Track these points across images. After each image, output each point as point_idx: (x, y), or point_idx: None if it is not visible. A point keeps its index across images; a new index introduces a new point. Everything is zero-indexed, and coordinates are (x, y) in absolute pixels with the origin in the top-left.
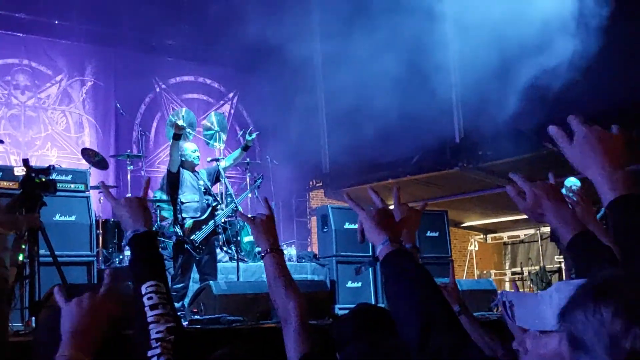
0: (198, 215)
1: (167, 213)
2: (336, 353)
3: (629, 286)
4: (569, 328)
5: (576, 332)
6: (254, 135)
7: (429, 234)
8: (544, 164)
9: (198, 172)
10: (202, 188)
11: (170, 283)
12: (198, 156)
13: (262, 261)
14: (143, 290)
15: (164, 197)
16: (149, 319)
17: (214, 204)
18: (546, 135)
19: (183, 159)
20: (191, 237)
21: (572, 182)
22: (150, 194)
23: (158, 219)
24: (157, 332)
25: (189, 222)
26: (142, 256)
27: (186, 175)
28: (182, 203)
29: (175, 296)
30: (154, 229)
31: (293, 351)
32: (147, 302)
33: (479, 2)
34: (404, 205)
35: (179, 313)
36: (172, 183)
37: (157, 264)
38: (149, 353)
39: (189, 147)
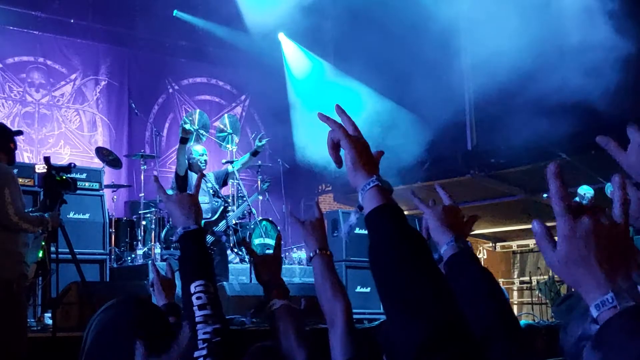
0: (209, 217)
1: None
2: (383, 357)
3: None
4: None
5: None
6: (264, 142)
7: None
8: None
9: (206, 175)
10: (211, 191)
11: None
12: (206, 160)
13: None
14: (192, 289)
15: None
16: (197, 319)
17: (224, 205)
18: (560, 144)
19: (191, 161)
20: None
21: (585, 189)
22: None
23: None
24: (204, 333)
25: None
26: (192, 254)
27: (194, 178)
28: None
29: None
30: (166, 230)
31: (339, 355)
32: (195, 302)
33: (493, 10)
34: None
35: None
36: (181, 186)
37: (207, 262)
38: (196, 354)
39: (197, 150)
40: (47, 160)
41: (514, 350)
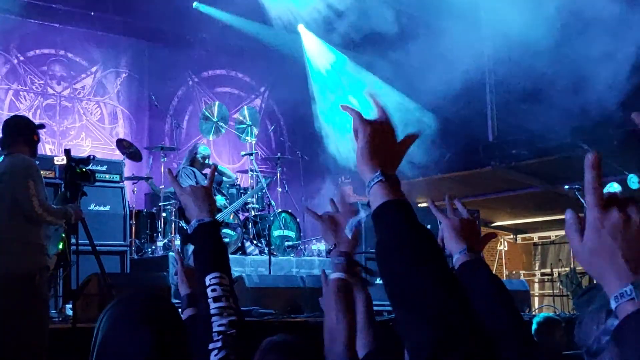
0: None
1: None
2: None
3: None
4: None
5: None
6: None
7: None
8: (580, 164)
9: (206, 175)
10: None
11: None
12: (207, 162)
13: (290, 255)
14: (207, 281)
15: None
16: (212, 311)
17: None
18: (581, 135)
19: (198, 156)
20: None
21: (615, 188)
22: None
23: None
24: (219, 325)
25: None
26: (207, 246)
27: (197, 174)
28: None
29: None
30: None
31: (360, 347)
32: (210, 294)
33: (511, 6)
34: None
35: None
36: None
37: (222, 254)
38: (210, 346)
39: (204, 151)
40: (67, 152)
41: (526, 352)
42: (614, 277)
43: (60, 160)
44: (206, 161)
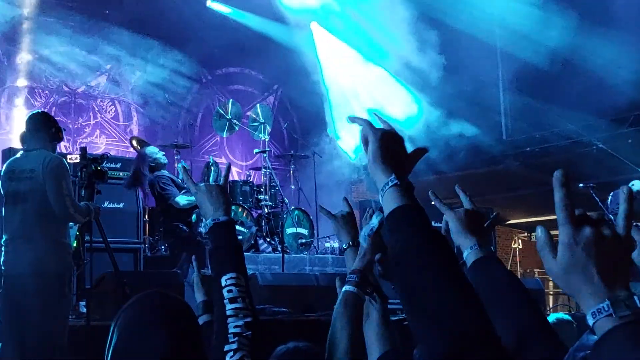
0: None
1: None
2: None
3: None
4: None
5: None
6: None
7: (433, 224)
8: (595, 161)
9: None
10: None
11: None
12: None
13: (303, 253)
14: (223, 282)
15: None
16: (228, 312)
17: None
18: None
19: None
20: (199, 230)
21: (638, 186)
22: None
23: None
24: (235, 327)
25: (194, 217)
26: (223, 246)
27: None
28: None
29: None
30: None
31: (374, 347)
32: (226, 295)
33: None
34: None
35: None
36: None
37: (238, 254)
38: (226, 347)
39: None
40: (83, 150)
41: (551, 352)
42: (590, 293)
43: (74, 158)
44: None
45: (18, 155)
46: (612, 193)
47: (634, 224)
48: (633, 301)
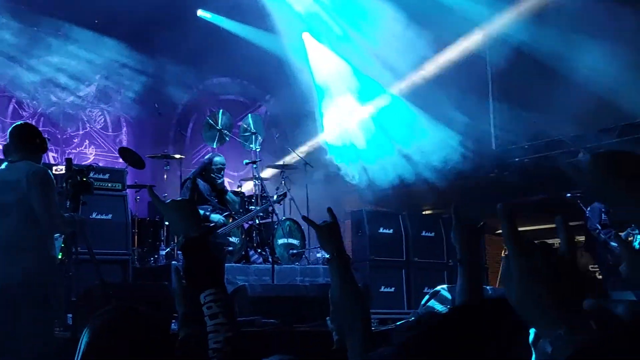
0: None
1: None
2: None
3: None
4: None
5: None
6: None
7: (424, 233)
8: (582, 172)
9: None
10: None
11: None
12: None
13: (295, 264)
14: (202, 299)
15: None
16: (209, 328)
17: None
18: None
19: (213, 167)
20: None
21: None
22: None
23: None
24: (215, 342)
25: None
26: (197, 263)
27: (201, 184)
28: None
29: None
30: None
31: (358, 357)
32: (206, 312)
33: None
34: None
35: None
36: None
37: (213, 269)
38: None
39: (219, 162)
40: (68, 161)
41: None
42: (545, 322)
43: (60, 169)
44: (221, 173)
45: (2, 166)
46: (588, 208)
47: (614, 232)
48: (589, 323)
